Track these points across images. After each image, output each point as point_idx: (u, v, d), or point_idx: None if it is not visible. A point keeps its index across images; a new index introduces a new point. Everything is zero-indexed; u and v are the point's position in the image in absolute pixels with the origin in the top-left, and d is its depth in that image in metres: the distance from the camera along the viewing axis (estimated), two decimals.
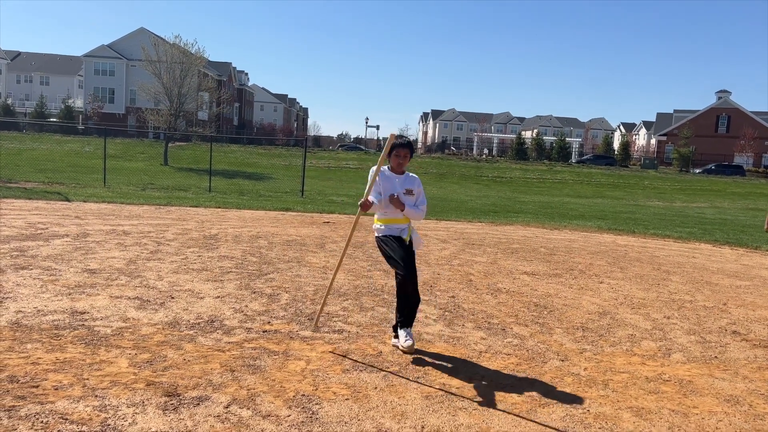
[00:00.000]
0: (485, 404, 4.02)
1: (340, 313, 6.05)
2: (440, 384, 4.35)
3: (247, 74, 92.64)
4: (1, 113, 62.28)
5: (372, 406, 3.87)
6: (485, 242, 12.24)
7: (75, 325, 5.07)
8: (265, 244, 10.11)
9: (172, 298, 6.18)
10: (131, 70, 67.17)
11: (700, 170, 59.59)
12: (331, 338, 5.24)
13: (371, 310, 6.23)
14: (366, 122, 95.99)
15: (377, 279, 7.82)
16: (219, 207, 16.13)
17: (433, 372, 4.60)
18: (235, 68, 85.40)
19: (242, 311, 5.88)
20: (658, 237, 15.24)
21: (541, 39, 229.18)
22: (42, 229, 10.10)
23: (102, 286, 6.46)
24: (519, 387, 4.39)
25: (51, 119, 61.83)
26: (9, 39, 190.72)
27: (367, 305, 6.45)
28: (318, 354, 4.81)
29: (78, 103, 73.48)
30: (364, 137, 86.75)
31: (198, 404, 3.70)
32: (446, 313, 6.33)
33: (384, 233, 4.97)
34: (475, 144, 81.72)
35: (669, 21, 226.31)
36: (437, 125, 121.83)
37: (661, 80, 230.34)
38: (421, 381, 4.39)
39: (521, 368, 4.80)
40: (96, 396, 3.71)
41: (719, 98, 71.08)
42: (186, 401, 3.73)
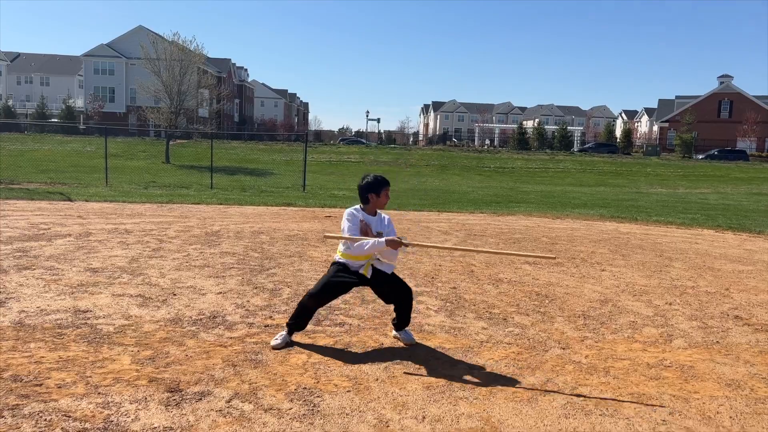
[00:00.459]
0: (486, 393, 4.04)
1: (342, 307, 6.07)
2: (442, 374, 4.37)
3: (247, 70, 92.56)
4: (2, 115, 62.36)
5: (373, 398, 3.89)
6: (487, 233, 12.24)
7: (78, 324, 5.10)
8: (267, 240, 10.13)
9: (174, 295, 6.20)
10: (131, 69, 67.12)
11: (703, 156, 59.36)
12: (333, 331, 5.26)
13: (372, 302, 6.24)
14: (367, 115, 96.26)
15: None
16: (221, 204, 16.16)
17: (435, 362, 4.61)
18: (235, 64, 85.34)
19: (244, 306, 5.90)
20: (661, 224, 15.22)
21: (542, 28, 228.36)
22: (45, 230, 10.14)
23: (104, 285, 6.49)
24: (520, 376, 4.40)
25: (52, 120, 61.89)
26: (8, 40, 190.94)
27: (369, 298, 6.46)
28: (319, 347, 4.83)
29: (79, 103, 73.52)
30: (365, 131, 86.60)
31: (200, 399, 3.73)
32: (447, 304, 6.35)
33: (342, 261, 4.80)
34: (477, 135, 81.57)
35: (670, 6, 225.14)
36: (438, 117, 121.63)
37: (663, 66, 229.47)
38: (423, 372, 4.41)
39: (522, 357, 4.82)
40: (99, 393, 3.73)
41: (721, 83, 70.72)
42: (188, 396, 3.75)
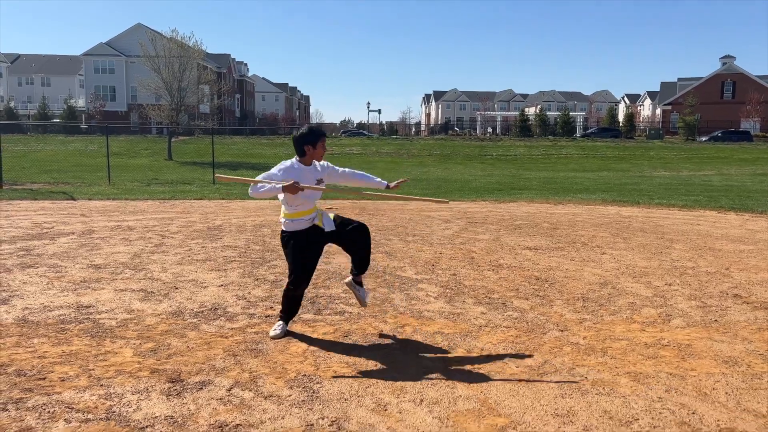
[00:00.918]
0: (484, 376, 4.08)
1: (342, 296, 6.12)
2: (440, 359, 4.42)
3: (247, 65, 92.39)
4: (5, 116, 62.52)
5: (372, 383, 3.94)
6: (488, 220, 12.26)
7: (81, 319, 5.16)
8: (269, 233, 10.18)
9: (176, 289, 6.26)
10: (131, 67, 67.12)
11: (707, 138, 59.07)
12: (333, 320, 5.31)
13: (372, 291, 6.29)
14: (368, 107, 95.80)
15: (379, 261, 7.87)
16: (223, 198, 16.22)
17: (433, 348, 4.66)
18: (234, 59, 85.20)
19: (245, 298, 5.96)
20: (663, 206, 15.20)
21: (542, 13, 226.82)
22: (48, 228, 10.21)
23: (107, 281, 6.56)
24: (518, 358, 4.44)
25: (54, 120, 62.03)
26: (8, 42, 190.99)
27: (369, 286, 6.50)
28: (319, 336, 4.88)
29: (80, 103, 73.65)
30: (367, 122, 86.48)
31: (201, 388, 3.78)
32: (447, 291, 6.38)
33: (292, 228, 4.74)
34: (479, 123, 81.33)
35: None
36: (440, 106, 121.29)
37: (665, 49, 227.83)
38: (421, 357, 4.45)
39: (520, 340, 4.86)
40: (101, 385, 3.79)
41: (723, 64, 70.24)
42: (189, 386, 3.81)
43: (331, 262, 7.74)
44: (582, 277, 7.09)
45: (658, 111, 79.20)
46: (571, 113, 70.59)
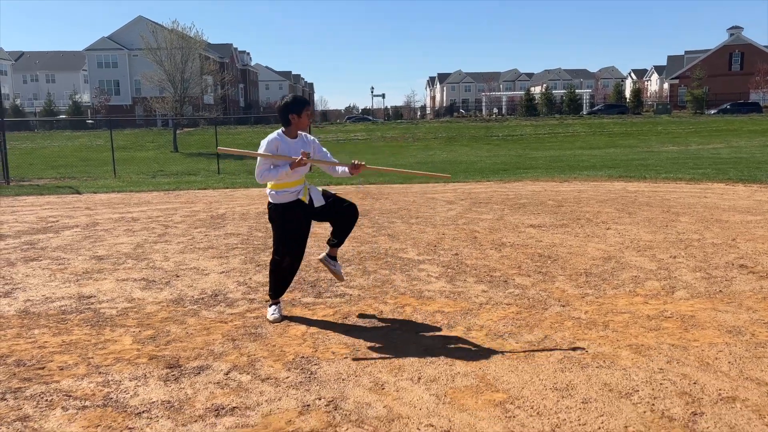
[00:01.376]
0: (483, 353, 4.06)
1: (344, 278, 6.09)
2: (439, 337, 4.39)
3: (249, 54, 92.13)
4: (11, 114, 62.79)
5: (370, 363, 3.92)
6: (492, 200, 12.19)
7: (81, 309, 5.18)
8: None
9: (177, 277, 6.27)
10: (134, 60, 67.03)
11: (715, 111, 58.39)
12: (333, 302, 5.30)
13: (374, 273, 6.27)
14: (372, 92, 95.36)
15: (381, 243, 7.84)
16: (227, 188, 16.22)
17: (433, 326, 4.63)
18: (237, 49, 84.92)
19: (246, 284, 5.95)
20: (670, 180, 15.05)
21: None
22: (53, 222, 10.25)
23: (109, 271, 6.57)
24: (518, 334, 4.41)
25: (60, 116, 62.24)
26: (11, 40, 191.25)
27: (371, 269, 6.49)
28: (319, 318, 4.87)
29: (85, 98, 73.77)
30: (371, 107, 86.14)
31: (199, 373, 3.78)
32: (449, 270, 6.35)
33: (279, 200, 4.68)
34: (484, 104, 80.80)
35: None
36: (444, 89, 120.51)
37: (671, 22, 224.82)
38: (421, 336, 4.43)
39: (521, 316, 4.82)
40: (100, 373, 3.80)
41: (731, 35, 69.23)
42: (187, 371, 3.81)
43: None
44: (585, 253, 7.03)
45: (666, 85, 78.34)
46: (577, 91, 69.97)
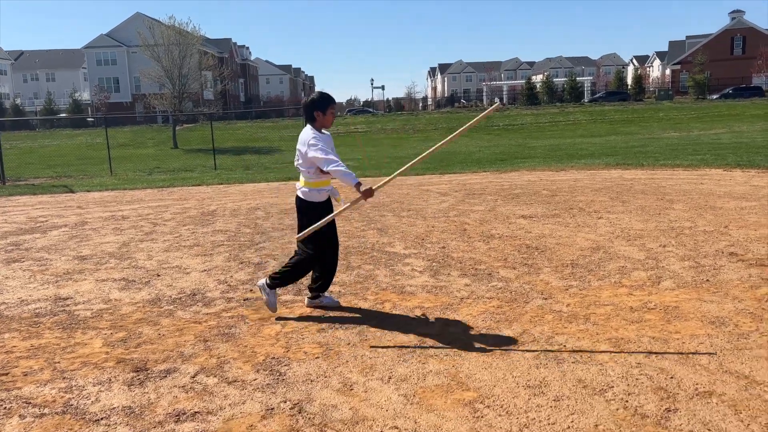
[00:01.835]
0: (458, 349, 3.96)
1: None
2: (416, 333, 4.29)
3: (249, 48, 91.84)
4: (11, 114, 62.81)
5: (342, 362, 3.83)
6: (486, 191, 12.06)
7: (56, 312, 5.10)
8: (262, 215, 10.08)
9: (158, 276, 6.18)
10: (133, 57, 66.84)
11: (717, 96, 57.87)
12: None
13: (357, 269, 6.17)
14: (371, 83, 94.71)
15: (369, 238, 7.74)
16: (221, 183, 16.13)
17: (411, 322, 4.54)
18: (236, 43, 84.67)
19: (226, 282, 5.86)
20: (668, 167, 14.88)
21: None
22: (42, 222, 10.18)
23: (90, 271, 6.49)
24: (496, 329, 4.31)
25: (60, 114, 62.20)
26: (10, 39, 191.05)
27: (355, 264, 6.39)
28: (295, 316, 4.77)
29: (85, 96, 73.70)
30: (371, 99, 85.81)
31: (165, 376, 3.69)
32: (433, 264, 6.24)
33: (314, 198, 4.69)
34: (485, 94, 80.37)
35: None
36: (446, 79, 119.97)
37: (672, 7, 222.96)
38: (397, 333, 4.33)
39: (501, 310, 4.72)
40: (64, 378, 3.72)
41: (732, 19, 68.53)
42: (153, 375, 3.72)
43: None
44: (574, 243, 6.92)
45: (668, 71, 77.74)
46: (579, 78, 69.47)
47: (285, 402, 3.32)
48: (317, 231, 4.62)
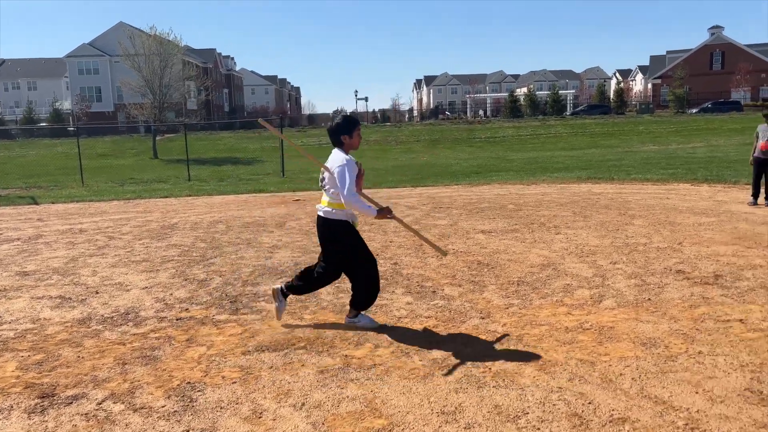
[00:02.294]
0: (381, 373, 3.85)
1: (268, 293, 5.86)
2: (343, 356, 4.18)
3: (234, 59, 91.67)
4: None
5: (258, 387, 3.70)
6: (454, 204, 12.00)
7: None
8: (222, 228, 9.93)
9: (97, 293, 6.02)
10: (115, 67, 66.33)
11: (697, 110, 58.51)
12: (246, 320, 5.07)
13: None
14: (355, 95, 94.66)
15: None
16: (191, 195, 15.95)
17: (341, 344, 4.42)
18: (221, 54, 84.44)
19: (164, 300, 5.71)
20: (638, 181, 14.93)
21: None
22: None
23: (28, 288, 6.31)
24: (425, 350, 4.20)
25: (40, 124, 61.58)
26: None
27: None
28: (224, 338, 4.64)
29: (66, 105, 73.06)
30: (356, 111, 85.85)
31: (70, 403, 3.55)
32: (381, 282, 6.12)
33: (341, 217, 4.61)
34: (468, 106, 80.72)
35: None
36: (431, 91, 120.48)
37: (654, 22, 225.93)
38: (323, 355, 4.21)
39: (437, 330, 4.62)
40: None
41: (712, 34, 69.52)
42: (59, 401, 3.57)
43: (272, 257, 7.50)
44: (526, 260, 6.84)
45: (650, 85, 78.59)
46: (561, 91, 70.02)
47: (189, 431, 3.18)
48: (360, 245, 4.67)
